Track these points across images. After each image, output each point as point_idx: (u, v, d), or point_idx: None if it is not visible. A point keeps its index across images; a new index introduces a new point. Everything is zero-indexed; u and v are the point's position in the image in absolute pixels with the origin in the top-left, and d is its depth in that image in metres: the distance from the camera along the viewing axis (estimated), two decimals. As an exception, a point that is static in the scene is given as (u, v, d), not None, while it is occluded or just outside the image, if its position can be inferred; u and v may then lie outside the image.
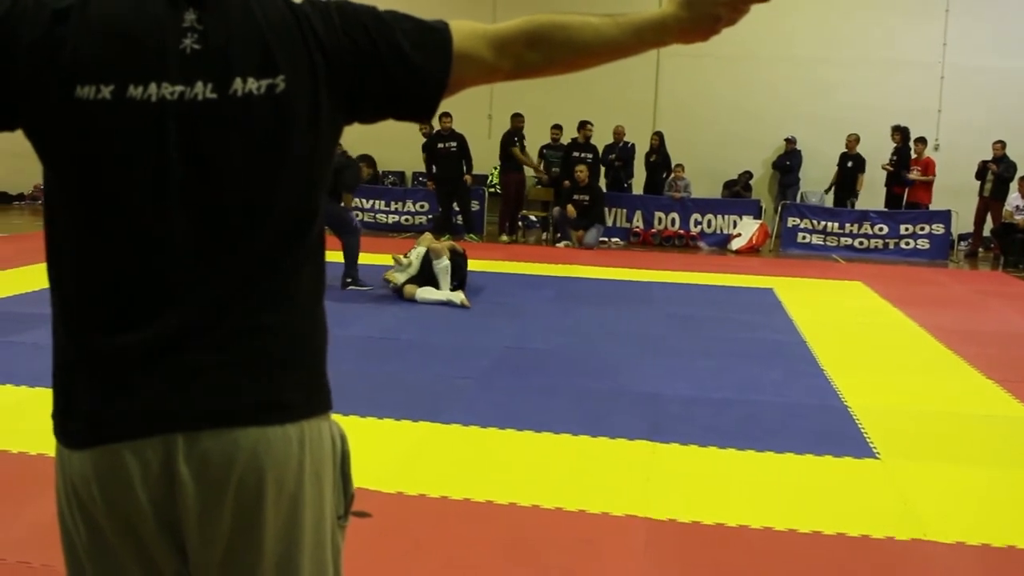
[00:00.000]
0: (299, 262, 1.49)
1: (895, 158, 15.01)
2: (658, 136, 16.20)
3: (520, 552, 3.58)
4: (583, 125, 15.06)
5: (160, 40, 1.39)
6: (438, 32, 1.55)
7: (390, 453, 4.53)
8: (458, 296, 8.81)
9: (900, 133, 14.99)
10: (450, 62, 1.53)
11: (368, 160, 11.36)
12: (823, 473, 4.58)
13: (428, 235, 9.79)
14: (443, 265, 8.91)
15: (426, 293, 8.84)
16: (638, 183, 16.28)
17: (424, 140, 15.14)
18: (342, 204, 9.40)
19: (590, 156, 14.85)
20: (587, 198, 14.36)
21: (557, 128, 15.78)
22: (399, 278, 9.00)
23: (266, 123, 1.42)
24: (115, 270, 1.41)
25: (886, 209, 15.04)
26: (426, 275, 8.97)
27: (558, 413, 5.35)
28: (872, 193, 15.43)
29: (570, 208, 14.24)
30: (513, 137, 15.23)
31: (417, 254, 9.15)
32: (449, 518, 3.89)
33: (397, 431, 4.84)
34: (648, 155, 16.24)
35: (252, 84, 1.41)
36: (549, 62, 1.59)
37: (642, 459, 4.68)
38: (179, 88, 1.39)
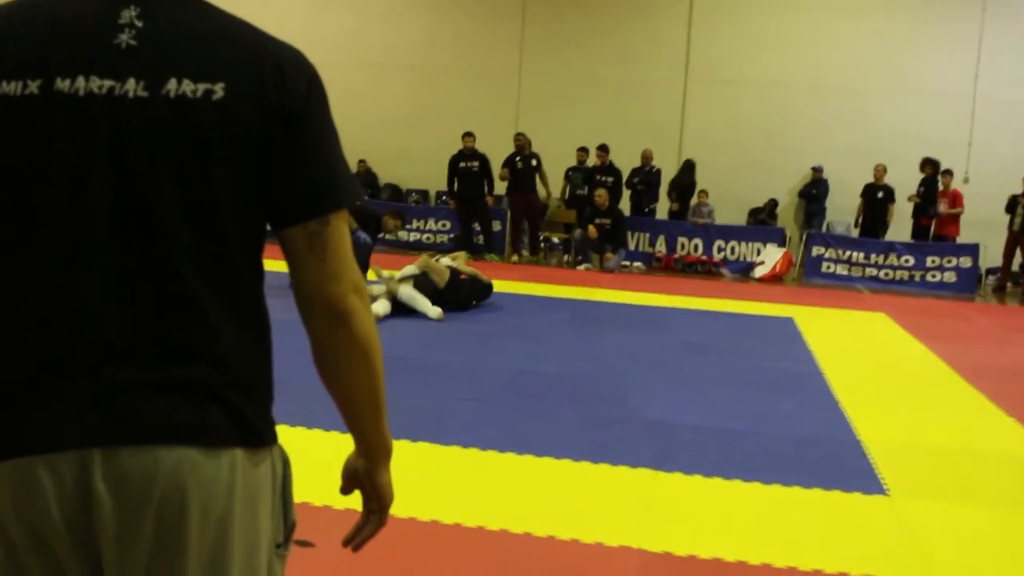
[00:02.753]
0: (238, 285, 1.42)
1: (922, 189, 14.82)
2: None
3: (506, 581, 3.46)
4: (602, 148, 14.98)
5: (91, 35, 1.35)
6: (341, 193, 1.46)
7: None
8: (435, 311, 8.81)
9: (931, 166, 14.82)
10: (317, 217, 1.44)
11: (397, 211, 11.23)
12: (830, 509, 4.43)
13: (425, 259, 9.76)
14: (409, 293, 8.96)
15: (408, 291, 8.90)
16: (662, 209, 16.16)
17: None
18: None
19: (611, 179, 14.76)
20: (608, 222, 14.25)
21: (583, 151, 15.69)
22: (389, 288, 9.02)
23: (199, 129, 1.35)
24: (37, 279, 1.35)
25: (913, 241, 14.84)
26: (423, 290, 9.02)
27: (561, 438, 5.23)
28: (899, 224, 15.24)
29: (591, 228, 14.14)
30: (515, 157, 15.09)
31: (407, 271, 9.22)
32: (437, 543, 3.78)
33: (393, 452, 4.71)
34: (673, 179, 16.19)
35: (188, 87, 1.35)
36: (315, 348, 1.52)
37: (643, 488, 4.55)
38: (108, 83, 1.34)
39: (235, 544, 1.40)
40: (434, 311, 8.83)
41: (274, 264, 1.40)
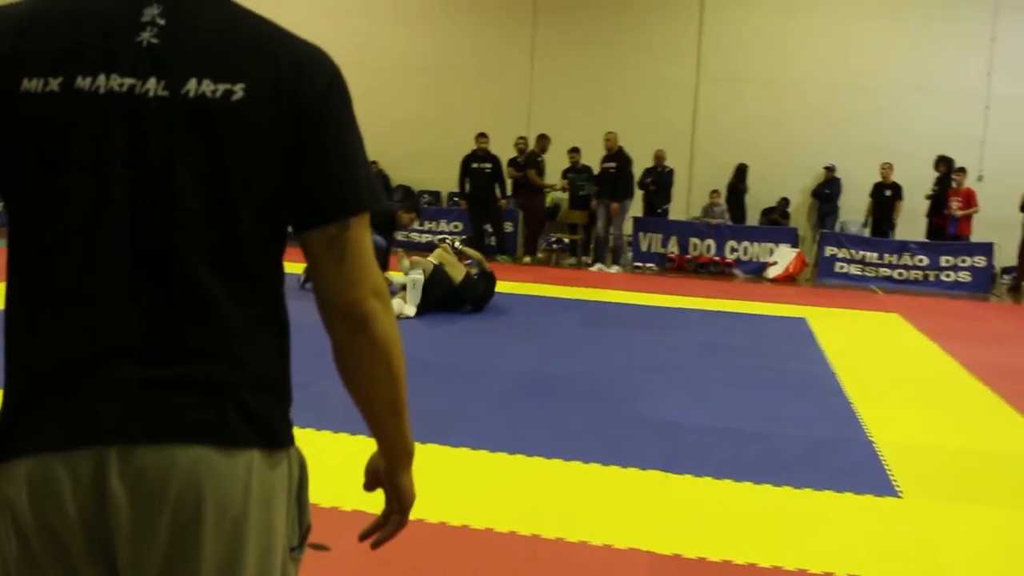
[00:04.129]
0: (256, 286, 1.41)
1: (936, 188, 14.74)
2: (744, 165, 16.21)
3: (514, 584, 3.44)
4: (574, 151, 15.35)
5: (113, 33, 1.34)
6: (361, 197, 1.44)
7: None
8: (408, 308, 8.86)
9: (945, 164, 14.73)
10: (337, 221, 1.42)
11: (411, 204, 11.02)
12: (841, 511, 4.40)
13: (442, 251, 9.78)
14: (412, 278, 9.01)
15: (416, 276, 9.01)
16: (675, 210, 16.11)
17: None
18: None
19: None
20: (613, 165, 14.23)
21: (575, 151, 15.54)
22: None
23: (217, 130, 1.34)
24: (56, 276, 1.35)
25: (927, 240, 14.76)
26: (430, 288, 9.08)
27: (571, 440, 5.21)
28: (912, 224, 15.15)
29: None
30: (535, 158, 15.13)
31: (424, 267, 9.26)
32: (445, 545, 3.76)
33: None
34: (734, 182, 16.36)
35: (208, 87, 1.34)
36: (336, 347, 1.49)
37: (653, 490, 4.53)
38: (129, 81, 1.34)
39: (250, 545, 1.39)
40: (410, 310, 8.88)
41: (295, 267, 1.38)
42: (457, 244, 9.86)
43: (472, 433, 5.20)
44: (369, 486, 1.66)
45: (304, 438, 1.60)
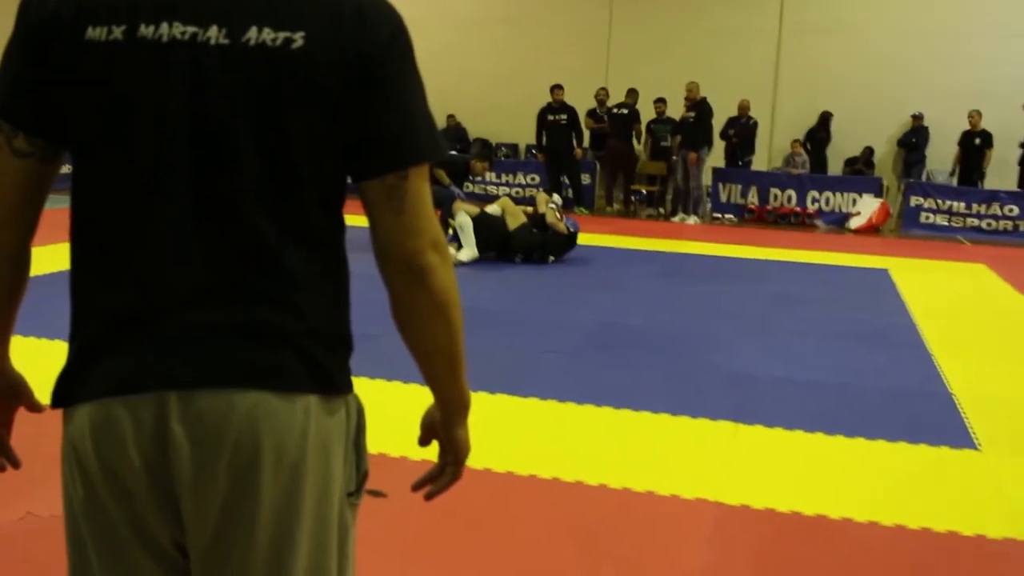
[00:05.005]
0: (316, 234, 1.41)
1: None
2: (828, 113, 15.92)
3: (578, 534, 3.44)
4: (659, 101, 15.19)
5: None
6: (421, 147, 1.42)
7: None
8: (461, 254, 9.02)
9: None
10: (395, 171, 1.40)
11: (484, 153, 10.99)
12: (916, 463, 4.32)
13: (506, 200, 10.03)
14: (460, 221, 9.20)
15: (463, 219, 9.20)
16: (759, 160, 15.86)
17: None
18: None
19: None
20: (693, 115, 14.07)
21: (660, 101, 15.34)
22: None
23: (277, 78, 1.34)
24: (118, 223, 1.37)
25: (1018, 189, 14.30)
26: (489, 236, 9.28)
27: (642, 390, 5.19)
28: (1003, 173, 14.68)
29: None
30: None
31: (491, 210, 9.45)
32: (511, 494, 3.78)
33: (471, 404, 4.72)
34: (815, 130, 16.01)
35: (268, 35, 1.34)
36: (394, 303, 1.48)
37: (723, 441, 4.49)
38: (191, 29, 1.33)
39: (307, 490, 1.40)
40: (466, 253, 8.99)
41: (358, 219, 1.38)
42: (556, 200, 9.97)
43: (543, 383, 5.20)
44: (424, 440, 1.66)
45: (364, 387, 1.61)
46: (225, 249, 1.36)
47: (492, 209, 9.60)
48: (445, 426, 1.61)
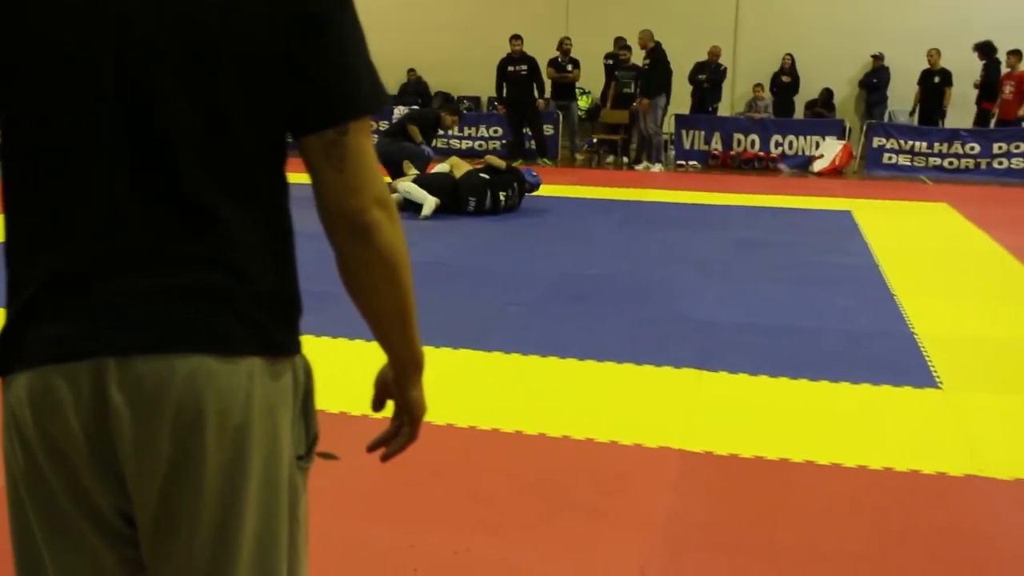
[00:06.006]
0: (256, 194, 1.36)
1: (983, 73, 14.24)
2: (790, 57, 15.71)
3: (542, 486, 3.42)
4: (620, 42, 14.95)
5: None
6: (361, 100, 1.38)
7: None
8: (429, 205, 9.03)
9: (980, 50, 14.19)
10: (334, 125, 1.36)
11: (452, 106, 10.99)
12: (879, 404, 4.33)
13: (454, 157, 10.11)
14: (404, 187, 9.25)
15: (405, 185, 9.21)
16: (721, 105, 15.80)
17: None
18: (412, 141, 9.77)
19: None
20: (648, 61, 13.96)
21: (625, 48, 15.20)
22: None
23: (209, 31, 1.28)
24: (49, 186, 1.32)
25: (977, 127, 14.34)
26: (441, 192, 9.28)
27: (605, 341, 5.17)
28: (964, 112, 14.71)
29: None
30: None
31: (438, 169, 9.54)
32: (474, 449, 3.76)
33: (433, 359, 4.66)
34: (778, 75, 15.86)
35: None
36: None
37: (687, 388, 4.49)
38: None
39: (254, 454, 1.37)
40: (428, 205, 9.01)
41: (301, 177, 1.33)
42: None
43: (506, 337, 5.17)
44: (378, 400, 1.63)
45: (325, 346, 1.57)
46: (161, 210, 1.31)
47: (441, 167, 9.67)
48: (399, 386, 1.58)
